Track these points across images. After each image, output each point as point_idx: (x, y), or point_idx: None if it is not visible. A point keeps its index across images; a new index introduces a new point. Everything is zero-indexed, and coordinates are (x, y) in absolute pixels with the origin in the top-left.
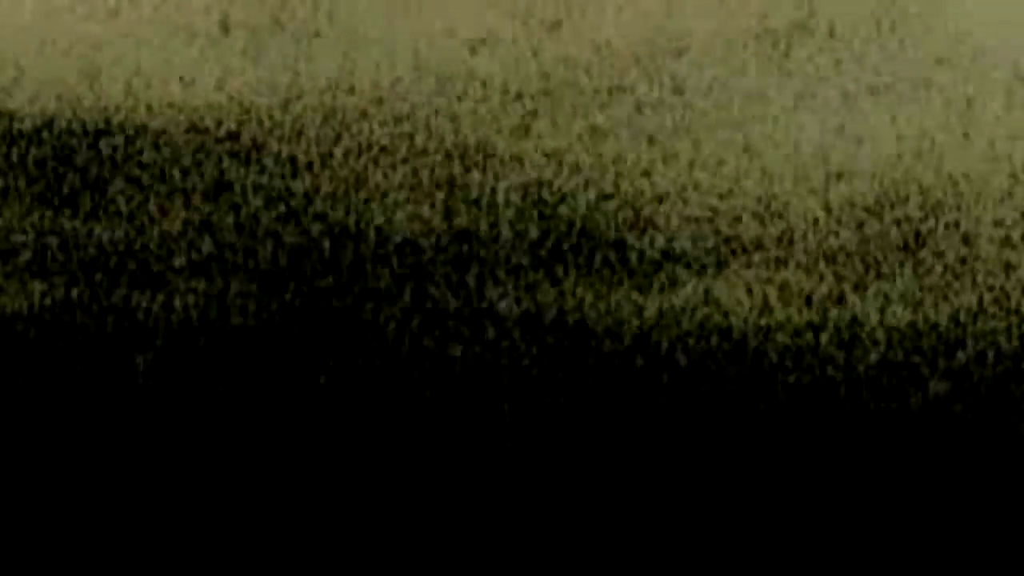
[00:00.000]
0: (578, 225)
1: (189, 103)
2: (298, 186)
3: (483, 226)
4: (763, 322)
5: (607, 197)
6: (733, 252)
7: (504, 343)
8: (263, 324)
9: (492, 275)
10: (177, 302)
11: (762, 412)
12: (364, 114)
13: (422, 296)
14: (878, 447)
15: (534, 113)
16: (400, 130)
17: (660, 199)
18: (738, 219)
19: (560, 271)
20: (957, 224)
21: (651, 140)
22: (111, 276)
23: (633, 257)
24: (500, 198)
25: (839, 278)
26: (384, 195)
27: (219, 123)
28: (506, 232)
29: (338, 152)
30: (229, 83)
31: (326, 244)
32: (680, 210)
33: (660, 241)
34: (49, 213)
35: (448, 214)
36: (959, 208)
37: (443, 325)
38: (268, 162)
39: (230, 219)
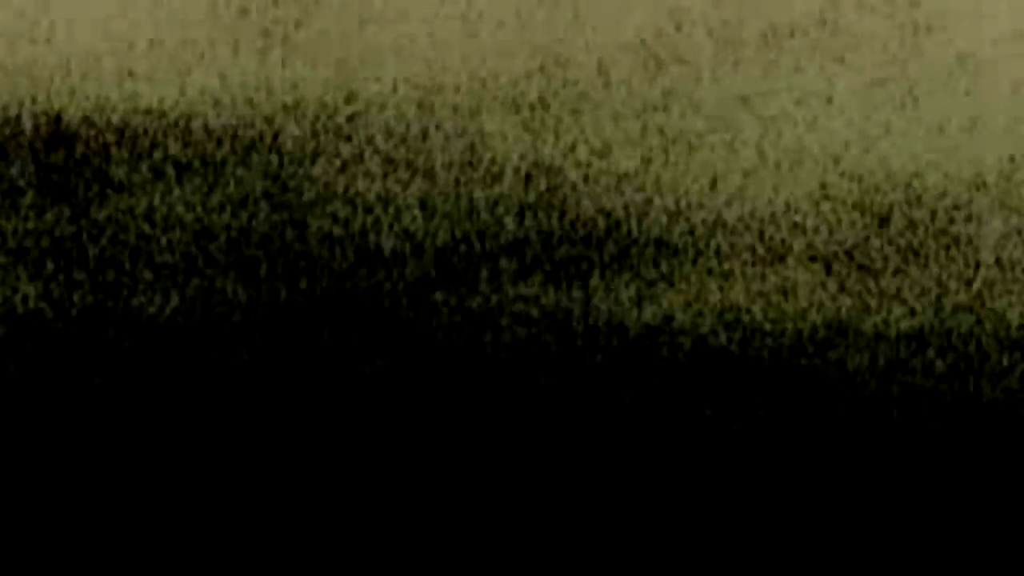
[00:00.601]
0: (579, 225)
1: (188, 102)
2: (297, 186)
3: (483, 226)
4: (763, 322)
5: (608, 197)
6: (734, 252)
7: (506, 342)
8: (263, 324)
9: (493, 275)
10: (174, 301)
11: (762, 411)
12: (364, 115)
13: (421, 295)
14: (878, 448)
15: (534, 113)
16: (400, 130)
17: (661, 199)
18: (739, 219)
19: (560, 270)
20: (959, 226)
21: (652, 140)
22: (108, 274)
23: (634, 256)
24: (500, 198)
25: (839, 279)
26: (384, 195)
27: (220, 123)
28: (506, 232)
29: (339, 153)
30: (230, 84)
31: (327, 244)
32: (681, 210)
33: (661, 241)
34: (46, 211)
35: (448, 214)
36: (961, 209)
37: (442, 324)
38: (268, 162)
39: (231, 219)
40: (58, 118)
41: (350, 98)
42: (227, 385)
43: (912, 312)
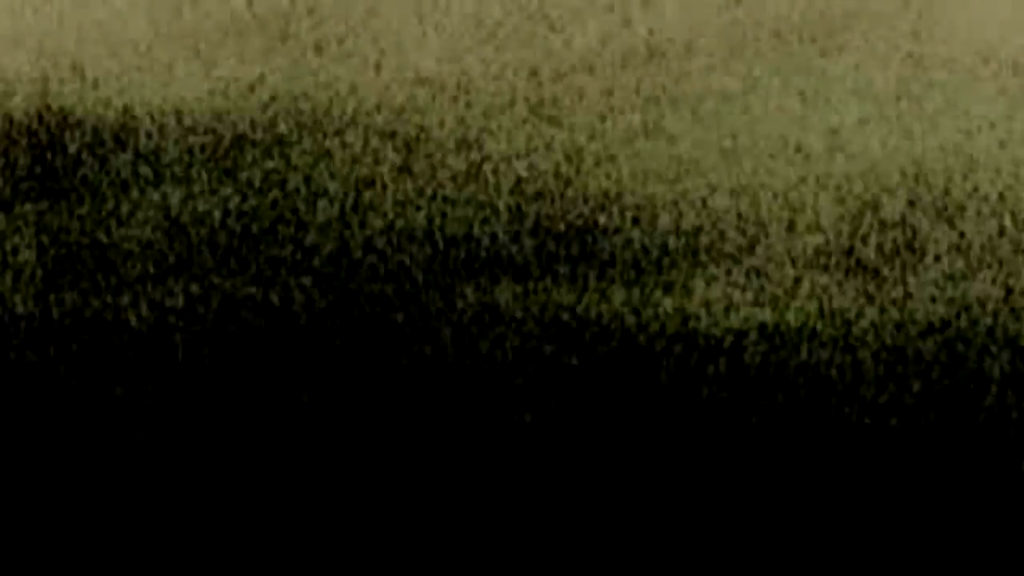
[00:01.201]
0: (576, 225)
1: (189, 102)
2: (296, 185)
3: (482, 226)
4: (761, 322)
5: (607, 198)
6: (733, 252)
7: (503, 342)
8: (262, 324)
9: (491, 275)
10: (174, 301)
11: (760, 411)
12: (365, 115)
13: (420, 294)
14: (876, 447)
15: (534, 115)
16: (398, 131)
17: (660, 199)
18: (738, 219)
19: (558, 271)
20: (956, 225)
21: (652, 142)
22: (107, 274)
23: (631, 256)
24: (499, 198)
25: (839, 279)
26: (383, 195)
27: (220, 123)
28: (504, 232)
29: (339, 152)
30: (231, 84)
31: (326, 243)
32: (680, 210)
33: (660, 241)
34: (45, 210)
35: (445, 214)
36: (960, 210)
37: (439, 324)
38: (267, 163)
39: (231, 218)
40: (58, 117)
41: (351, 98)
42: (226, 384)
43: (912, 312)
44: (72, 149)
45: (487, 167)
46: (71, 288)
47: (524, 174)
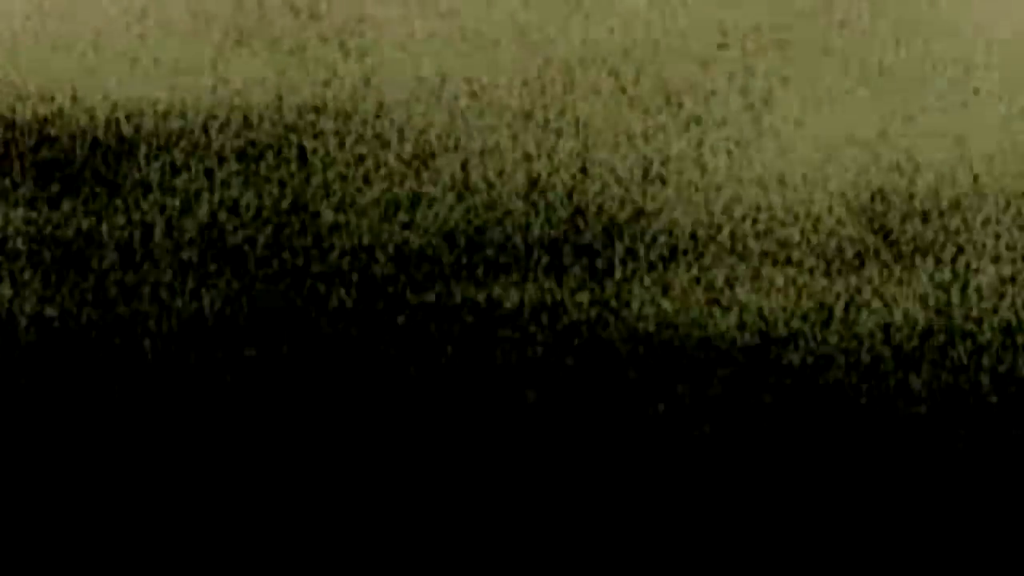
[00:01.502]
0: (577, 226)
1: (194, 105)
2: (296, 185)
3: (482, 226)
4: (763, 321)
5: (611, 198)
6: (734, 252)
7: (504, 340)
8: (261, 324)
9: (491, 275)
10: (178, 302)
11: (758, 411)
12: (363, 116)
13: (427, 293)
14: (876, 447)
15: (531, 115)
16: (398, 131)
17: (661, 200)
18: (739, 219)
19: (559, 271)
20: (954, 225)
21: (654, 143)
22: (111, 277)
23: (635, 256)
24: (499, 198)
25: (838, 278)
26: (383, 195)
27: (224, 125)
28: (506, 230)
29: (345, 153)
30: (233, 86)
31: (325, 245)
32: (681, 211)
33: (660, 240)
34: (46, 210)
35: (446, 214)
36: (960, 209)
37: (438, 322)
38: (267, 162)
39: (230, 218)
40: (59, 118)
41: (351, 98)
42: (226, 385)
43: (911, 312)
44: (72, 149)
45: (487, 167)
46: (71, 288)
47: (525, 175)
